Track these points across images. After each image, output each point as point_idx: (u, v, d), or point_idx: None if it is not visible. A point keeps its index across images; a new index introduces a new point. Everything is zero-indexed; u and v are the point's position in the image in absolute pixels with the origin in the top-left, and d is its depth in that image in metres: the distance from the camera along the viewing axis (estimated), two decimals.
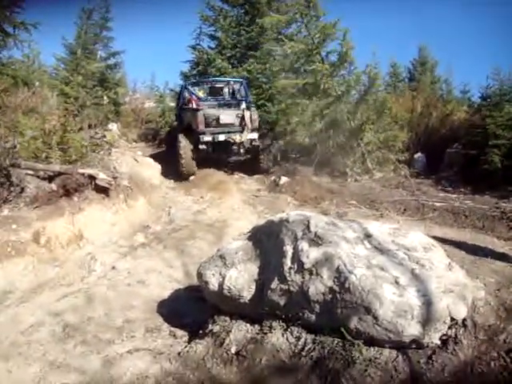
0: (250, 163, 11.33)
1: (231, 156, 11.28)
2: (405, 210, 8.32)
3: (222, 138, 10.45)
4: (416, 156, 11.99)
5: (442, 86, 22.89)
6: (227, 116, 10.64)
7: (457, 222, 7.76)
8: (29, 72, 14.02)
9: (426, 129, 13.18)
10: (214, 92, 12.33)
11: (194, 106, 10.85)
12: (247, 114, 10.64)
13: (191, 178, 10.65)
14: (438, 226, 7.59)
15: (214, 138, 10.39)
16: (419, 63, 25.56)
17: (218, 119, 10.51)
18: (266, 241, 3.84)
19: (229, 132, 10.53)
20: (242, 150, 10.90)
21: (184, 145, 10.35)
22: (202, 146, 10.39)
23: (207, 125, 10.48)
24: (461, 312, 2.94)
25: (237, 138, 10.51)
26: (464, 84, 21.14)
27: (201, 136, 10.31)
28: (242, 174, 11.44)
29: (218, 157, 11.12)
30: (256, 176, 11.30)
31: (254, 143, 10.88)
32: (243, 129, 10.63)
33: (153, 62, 56.92)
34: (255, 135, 10.82)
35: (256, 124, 10.91)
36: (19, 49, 10.04)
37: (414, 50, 26.12)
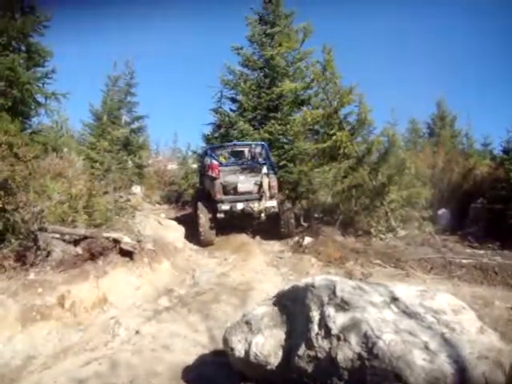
0: (271, 229, 11.22)
1: (252, 222, 11.25)
2: (431, 268, 8.17)
3: (240, 206, 10.48)
4: (440, 212, 11.90)
5: (462, 140, 22.99)
6: (245, 184, 10.71)
7: (486, 279, 7.58)
8: (57, 138, 14.56)
9: (449, 184, 13.15)
10: (236, 156, 12.38)
11: (213, 174, 10.82)
12: (265, 181, 10.63)
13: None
14: (467, 283, 7.43)
15: (231, 207, 10.46)
16: (438, 118, 25.76)
17: (236, 187, 10.63)
18: (292, 306, 3.79)
19: (247, 200, 10.59)
20: (262, 215, 10.77)
21: (203, 214, 10.41)
22: (220, 215, 10.43)
23: (226, 193, 10.62)
24: (498, 379, 2.82)
25: (255, 206, 10.49)
26: (485, 137, 21.30)
27: (218, 205, 10.42)
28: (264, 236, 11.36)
29: (239, 223, 11.13)
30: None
31: (272, 210, 10.81)
32: (261, 197, 10.63)
33: (175, 124, 58.68)
34: (274, 203, 10.77)
35: (275, 190, 10.92)
36: (49, 116, 10.54)
37: (432, 104, 26.34)
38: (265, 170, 10.82)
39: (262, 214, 10.68)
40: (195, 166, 16.46)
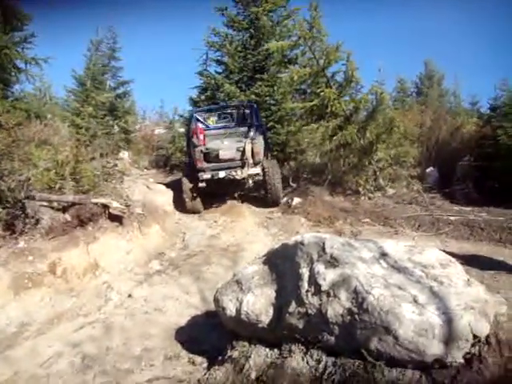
0: (259, 195, 10.97)
1: (237, 190, 10.91)
2: (419, 225, 8.27)
3: (221, 174, 9.97)
4: (428, 170, 11.97)
5: (450, 99, 22.95)
6: (227, 151, 10.11)
7: (473, 235, 7.70)
8: (40, 105, 14.32)
9: (437, 143, 13.17)
10: (224, 118, 11.69)
11: (195, 141, 10.33)
12: (248, 147, 10.12)
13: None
14: (454, 239, 7.53)
15: (213, 176, 9.97)
16: (426, 77, 25.64)
17: (218, 155, 10.07)
18: (282, 264, 3.82)
19: (229, 168, 10.07)
20: (250, 181, 10.37)
21: (186, 183, 10.14)
22: (201, 184, 10.00)
23: (208, 161, 10.15)
24: (483, 329, 2.88)
25: (237, 174, 10.00)
26: (472, 95, 21.27)
27: (200, 174, 10.00)
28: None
29: (225, 191, 10.79)
30: None
31: (256, 178, 10.33)
32: (244, 164, 10.10)
33: (161, 89, 57.57)
34: (257, 169, 10.23)
35: (259, 156, 10.32)
36: (31, 83, 10.31)
37: (420, 64, 26.14)
38: (251, 133, 10.41)
39: (250, 180, 10.31)
40: (182, 129, 16.27)
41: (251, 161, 10.11)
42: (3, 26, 8.96)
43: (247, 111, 11.40)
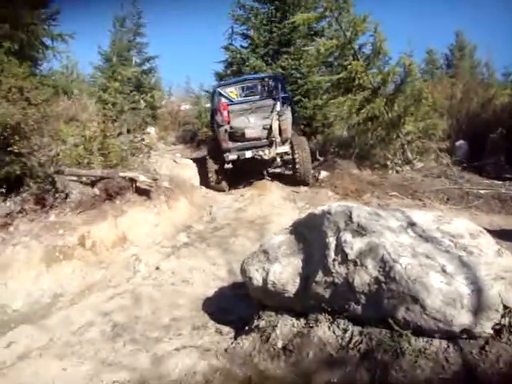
0: (286, 173, 10.79)
1: (265, 168, 10.68)
2: (448, 199, 8.16)
3: (248, 155, 9.61)
4: (457, 144, 11.71)
5: (482, 71, 22.30)
6: (253, 130, 9.71)
7: (504, 208, 7.58)
8: (68, 82, 14.48)
9: (467, 115, 12.86)
10: (248, 92, 11.10)
11: (219, 120, 9.87)
12: (275, 124, 9.62)
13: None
14: (485, 213, 7.42)
15: (239, 156, 9.62)
16: (457, 48, 24.93)
17: (244, 133, 9.69)
18: (309, 234, 3.80)
19: (256, 147, 9.69)
20: (278, 160, 9.99)
21: (211, 165, 9.92)
22: (227, 166, 9.72)
23: (234, 140, 9.79)
24: None
25: (265, 153, 9.58)
26: (506, 67, 20.59)
27: (225, 155, 9.65)
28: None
29: (251, 170, 10.46)
30: None
31: (285, 157, 9.98)
32: (271, 142, 9.67)
33: (187, 65, 57.55)
34: (286, 148, 9.79)
35: (287, 134, 9.81)
36: (58, 60, 10.43)
37: (450, 34, 25.43)
38: (278, 107, 9.91)
39: (278, 159, 9.90)
40: (208, 105, 16.25)
41: (279, 139, 9.67)
42: (29, 3, 9.02)
43: (273, 83, 10.79)
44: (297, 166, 9.85)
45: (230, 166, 9.71)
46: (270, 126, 9.64)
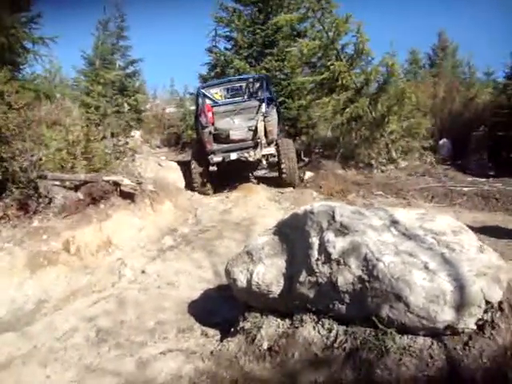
0: (272, 176, 10.60)
1: (251, 171, 10.58)
2: (432, 197, 8.24)
3: (233, 156, 9.49)
4: (441, 142, 11.85)
5: (464, 70, 22.51)
6: (239, 131, 9.56)
7: (487, 205, 7.66)
8: (51, 86, 14.33)
9: (450, 114, 13.03)
10: (233, 93, 10.91)
11: (203, 121, 9.73)
12: (261, 125, 9.48)
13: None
14: (468, 210, 7.50)
15: (224, 158, 9.48)
16: (439, 48, 25.13)
17: (229, 135, 9.53)
18: (292, 234, 3.80)
19: (241, 149, 9.56)
20: (263, 162, 9.83)
21: (196, 168, 9.77)
22: (212, 168, 9.57)
23: (218, 141, 9.63)
24: (496, 295, 2.85)
25: (250, 155, 9.43)
26: (487, 66, 20.82)
27: (210, 157, 9.51)
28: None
29: (236, 172, 10.29)
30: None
31: (271, 158, 9.78)
32: (257, 144, 9.52)
33: (172, 67, 57.42)
34: (271, 149, 9.64)
35: (273, 135, 9.73)
36: (40, 64, 10.30)
37: (433, 35, 25.64)
38: (263, 108, 9.74)
39: (263, 161, 9.76)
40: (193, 107, 16.24)
41: (264, 140, 9.52)
42: (10, 7, 8.91)
43: (258, 84, 10.63)
44: (283, 168, 9.74)
45: (214, 168, 9.54)
46: (256, 128, 9.52)
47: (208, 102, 10.27)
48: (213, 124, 9.66)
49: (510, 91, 11.27)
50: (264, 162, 9.79)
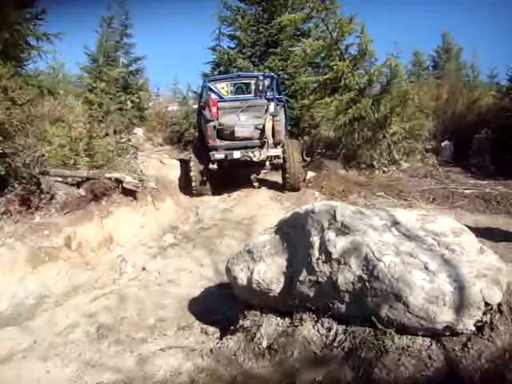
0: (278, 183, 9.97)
1: (253, 173, 9.81)
2: (434, 198, 8.24)
3: (236, 155, 8.83)
4: (443, 144, 11.85)
5: (467, 72, 22.53)
6: (244, 128, 8.94)
7: (489, 208, 7.66)
8: (54, 82, 14.33)
9: (453, 116, 13.02)
10: (240, 90, 10.54)
11: (207, 115, 9.10)
12: (269, 124, 8.89)
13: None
14: (470, 213, 7.49)
15: (226, 156, 8.86)
16: (443, 50, 25.16)
17: (233, 132, 8.92)
18: (293, 233, 3.81)
19: (246, 147, 8.91)
20: (267, 164, 9.18)
21: (195, 166, 9.14)
22: (212, 166, 8.90)
23: (221, 138, 9.05)
24: (495, 297, 2.85)
25: (255, 155, 8.79)
26: (491, 69, 20.84)
27: (211, 153, 8.86)
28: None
29: (238, 174, 9.69)
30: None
31: (276, 160, 9.15)
32: (263, 144, 8.94)
33: (175, 66, 57.43)
34: (278, 151, 9.03)
35: (280, 136, 9.16)
36: (44, 60, 10.31)
37: (437, 37, 25.70)
38: (271, 108, 9.22)
39: (267, 163, 9.11)
40: (196, 106, 16.21)
41: (271, 140, 8.94)
42: (14, 3, 8.93)
43: (267, 83, 10.06)
44: (287, 173, 9.25)
45: (215, 166, 8.93)
46: (263, 126, 8.95)
47: (213, 96, 9.76)
48: (217, 119, 9.10)
49: None
50: (267, 163, 9.19)
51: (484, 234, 5.37)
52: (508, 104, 11.42)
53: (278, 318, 3.59)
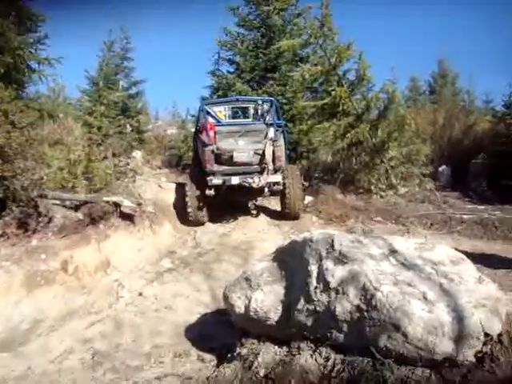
0: (276, 207, 9.75)
1: (251, 198, 9.64)
2: (431, 224, 8.24)
3: (235, 181, 8.43)
4: (440, 169, 11.91)
5: (463, 98, 22.73)
6: (243, 153, 8.61)
7: (486, 233, 7.66)
8: (54, 105, 14.44)
9: (450, 141, 13.12)
10: (238, 114, 10.30)
11: (204, 139, 8.75)
12: (269, 150, 8.58)
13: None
14: (467, 238, 7.49)
15: (224, 181, 8.43)
16: (439, 76, 25.39)
17: (232, 157, 8.58)
18: (291, 261, 3.80)
19: (244, 173, 8.54)
20: (266, 190, 8.74)
21: (191, 191, 8.75)
22: (209, 192, 8.46)
23: (219, 162, 8.67)
24: (495, 327, 2.84)
25: (254, 181, 8.38)
26: (486, 94, 21.07)
27: (209, 178, 8.45)
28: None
29: (236, 200, 9.44)
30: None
31: (276, 187, 8.72)
32: (262, 170, 8.60)
33: (174, 90, 57.94)
34: (278, 177, 8.63)
35: (281, 162, 8.84)
36: (44, 83, 10.40)
37: (433, 62, 25.98)
38: (271, 133, 8.77)
39: (266, 189, 8.69)
40: (194, 129, 16.32)
41: (271, 166, 8.61)
42: (17, 27, 9.04)
43: (266, 107, 9.79)
44: (287, 201, 8.98)
45: (212, 192, 8.49)
46: (263, 152, 8.63)
47: (211, 119, 9.52)
48: (215, 143, 8.72)
49: (508, 120, 11.36)
50: (266, 190, 8.76)
51: (482, 260, 5.37)
52: (503, 130, 11.52)
53: (276, 347, 3.55)
